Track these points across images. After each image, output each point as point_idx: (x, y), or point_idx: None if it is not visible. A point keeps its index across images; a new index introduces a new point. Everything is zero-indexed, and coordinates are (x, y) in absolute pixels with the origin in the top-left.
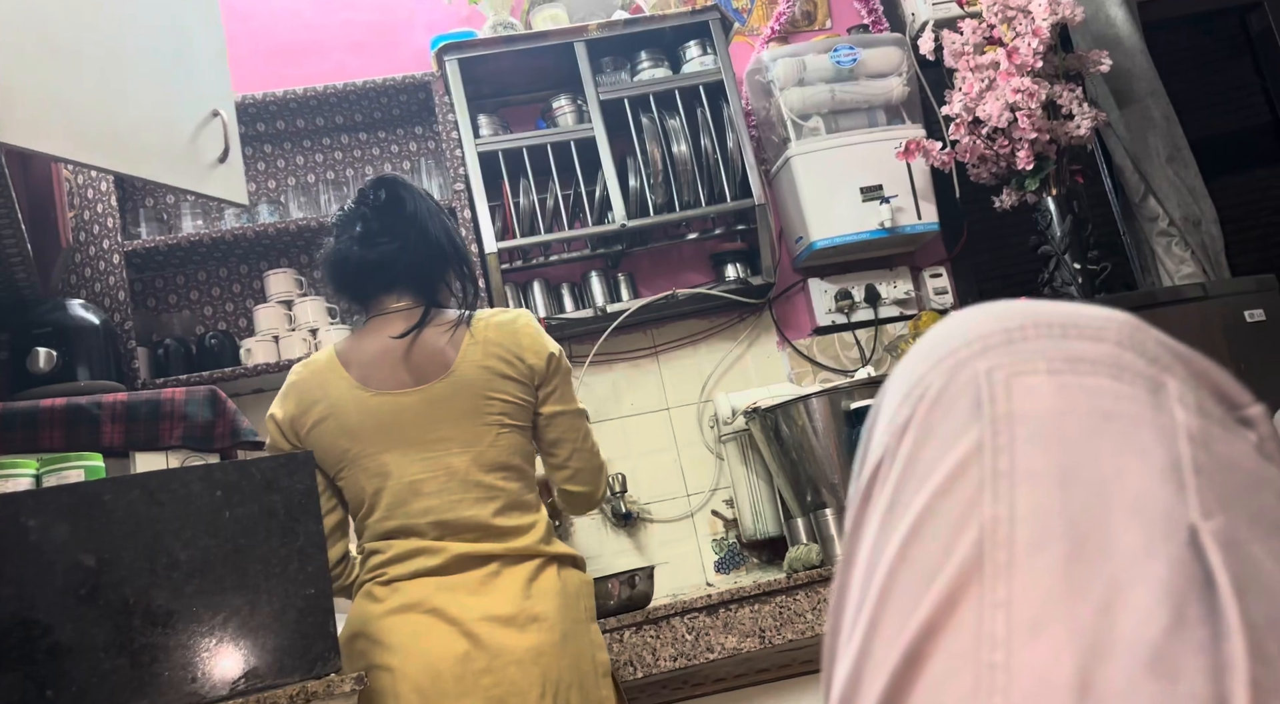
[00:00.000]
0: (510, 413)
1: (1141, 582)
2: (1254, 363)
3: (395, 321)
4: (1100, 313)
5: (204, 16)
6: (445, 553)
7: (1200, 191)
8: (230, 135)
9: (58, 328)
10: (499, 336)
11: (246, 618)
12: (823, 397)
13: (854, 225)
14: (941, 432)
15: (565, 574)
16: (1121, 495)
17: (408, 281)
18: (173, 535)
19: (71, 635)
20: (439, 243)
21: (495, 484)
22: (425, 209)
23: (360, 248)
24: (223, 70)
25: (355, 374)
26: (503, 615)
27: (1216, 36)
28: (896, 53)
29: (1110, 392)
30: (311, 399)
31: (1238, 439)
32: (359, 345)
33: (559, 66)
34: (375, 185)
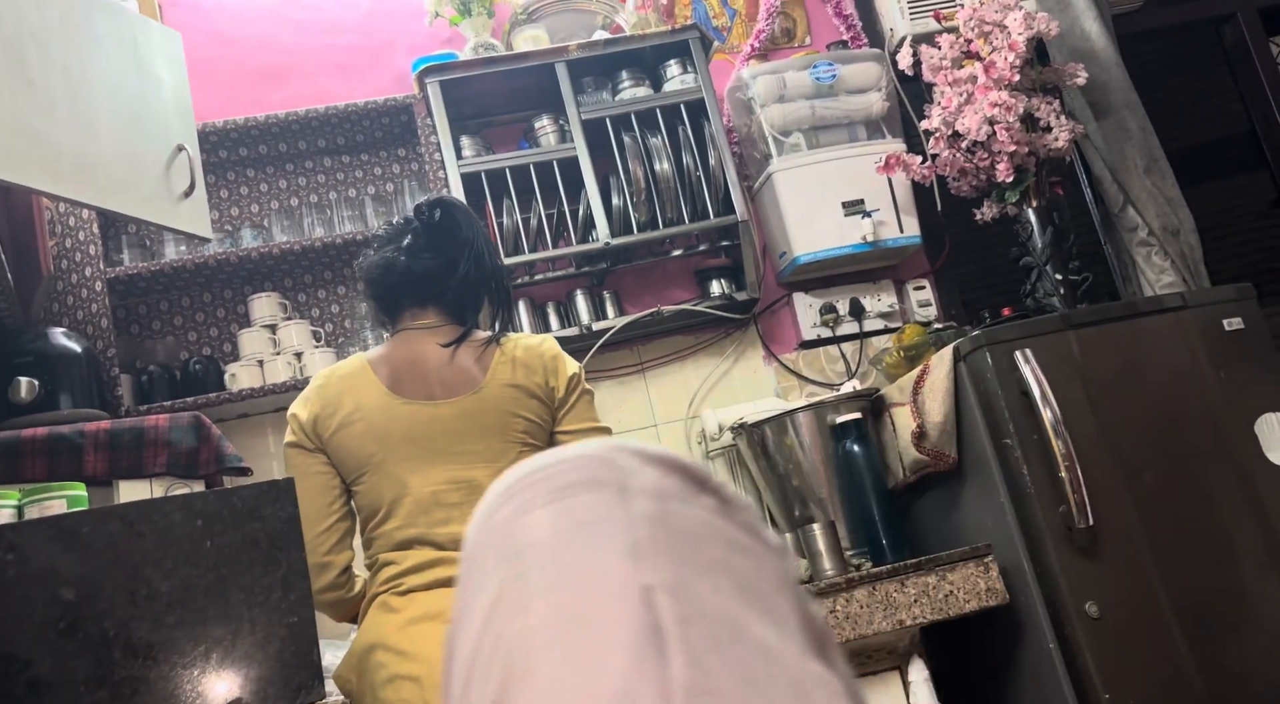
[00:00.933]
0: (532, 432)
1: (613, 642)
2: (1232, 370)
3: (426, 336)
4: (581, 448)
5: (167, 53)
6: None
7: (1178, 201)
8: (195, 170)
9: (39, 357)
10: (526, 357)
11: (229, 648)
12: (809, 411)
13: (837, 240)
14: (477, 581)
15: None
16: (601, 582)
17: (445, 299)
18: (153, 566)
19: (51, 670)
20: (491, 269)
21: None
22: (482, 238)
23: (407, 259)
24: (186, 105)
25: (387, 381)
26: None
27: (1192, 47)
28: (875, 68)
29: (588, 504)
30: (339, 401)
31: (694, 507)
32: (391, 355)
33: (541, 87)
34: (431, 204)
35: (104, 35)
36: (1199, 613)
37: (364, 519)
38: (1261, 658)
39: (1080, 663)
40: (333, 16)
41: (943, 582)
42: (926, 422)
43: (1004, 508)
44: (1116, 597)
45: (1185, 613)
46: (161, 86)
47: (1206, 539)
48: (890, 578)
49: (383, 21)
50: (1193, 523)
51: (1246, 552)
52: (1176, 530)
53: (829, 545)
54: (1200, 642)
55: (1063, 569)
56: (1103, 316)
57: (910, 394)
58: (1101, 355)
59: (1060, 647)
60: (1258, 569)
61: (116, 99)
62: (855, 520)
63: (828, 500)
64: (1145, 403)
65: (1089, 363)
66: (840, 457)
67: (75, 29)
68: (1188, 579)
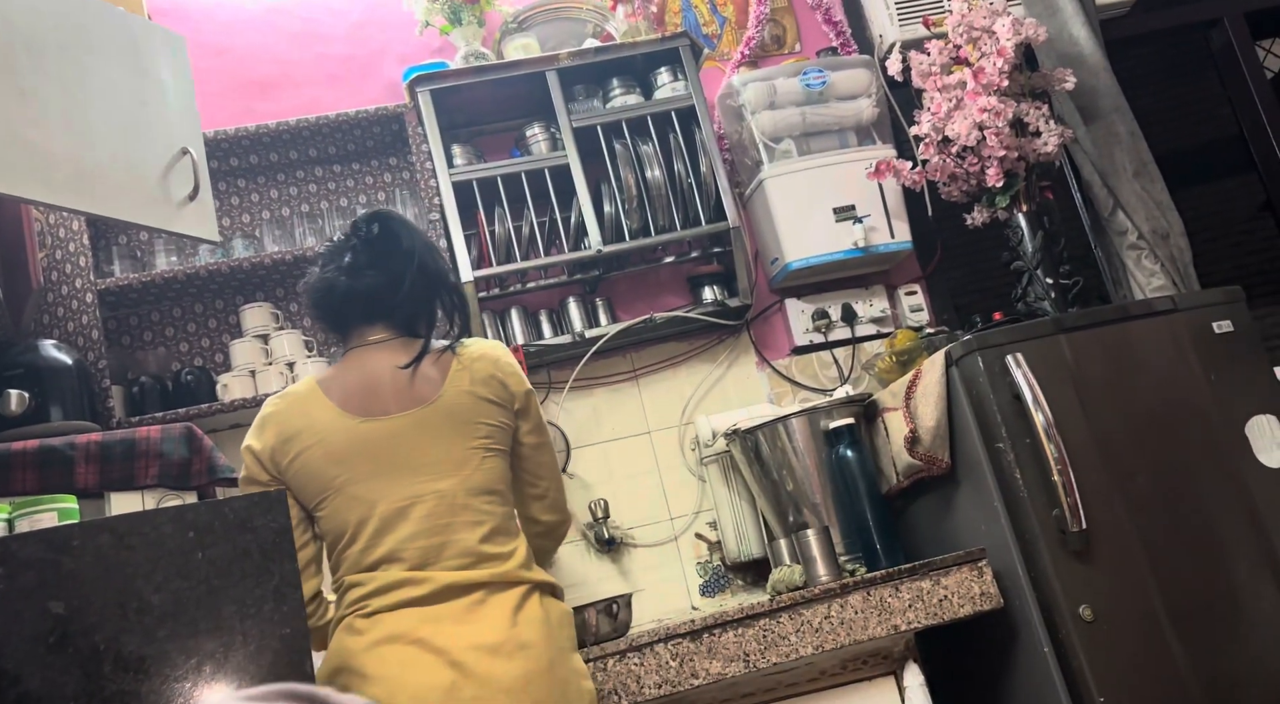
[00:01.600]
0: (495, 437)
1: None
2: (1223, 373)
3: (377, 352)
4: (214, 699)
5: (171, 56)
6: (430, 583)
7: (1167, 204)
8: (200, 173)
9: (30, 369)
10: (483, 363)
11: (221, 661)
12: (802, 416)
13: (828, 245)
14: None
15: (548, 603)
16: None
17: (396, 314)
18: (144, 579)
19: (40, 685)
20: (439, 276)
21: (482, 508)
22: (423, 244)
23: (347, 278)
24: (191, 108)
25: (339, 402)
26: (490, 644)
27: (1180, 52)
28: (865, 74)
29: None
30: (294, 429)
31: None
32: (340, 375)
33: (532, 95)
34: (369, 219)
35: (102, 41)
36: (1192, 615)
37: (330, 543)
38: (1255, 660)
39: (1075, 666)
40: (323, 26)
41: (937, 586)
42: (919, 426)
43: (997, 512)
44: (1110, 600)
45: (1179, 615)
46: (164, 90)
47: (1199, 541)
48: (885, 583)
49: (373, 31)
50: (1185, 525)
51: (1239, 553)
52: (1169, 533)
53: (823, 551)
54: (1194, 644)
55: (1056, 573)
56: (1093, 320)
57: (903, 399)
58: (1093, 359)
59: (1055, 650)
60: (1250, 571)
61: (115, 105)
62: (849, 526)
63: (821, 506)
64: (1137, 406)
65: (1080, 366)
66: (833, 462)
67: (71, 36)
68: (1181, 582)
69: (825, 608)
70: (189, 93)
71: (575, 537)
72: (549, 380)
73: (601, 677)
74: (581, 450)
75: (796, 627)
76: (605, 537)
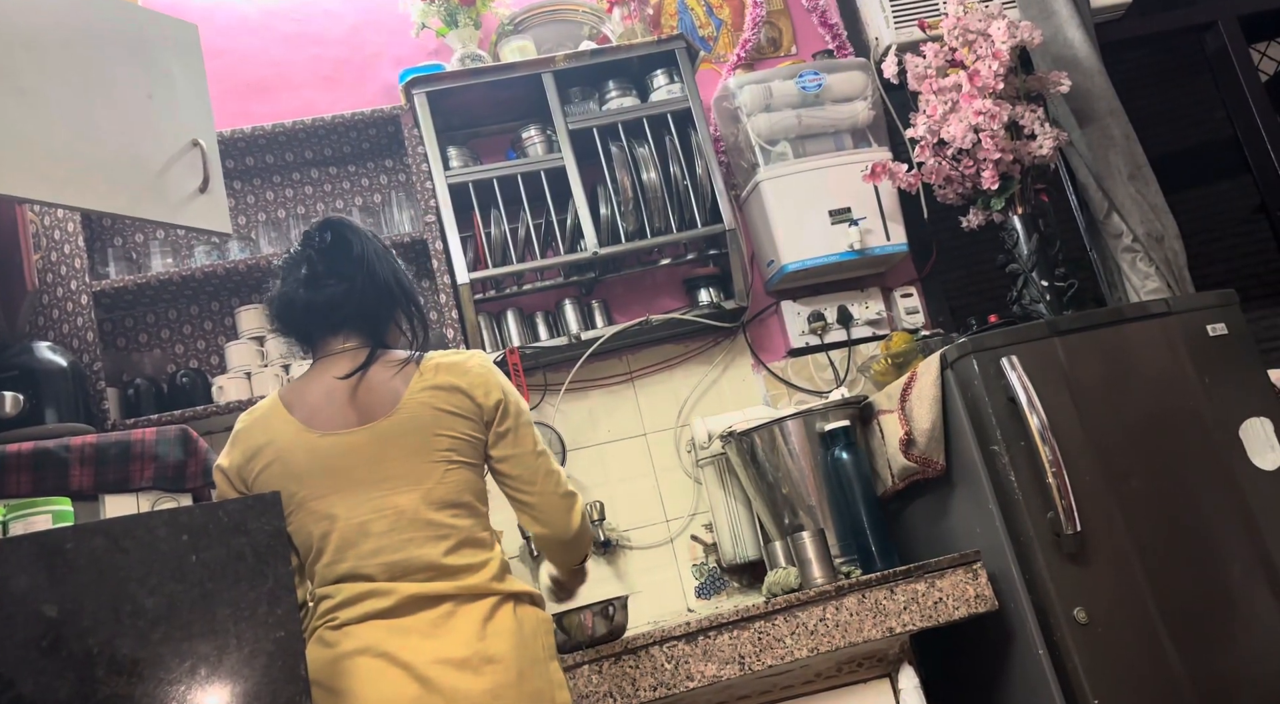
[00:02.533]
0: (459, 449)
1: None
2: (1217, 376)
3: (341, 362)
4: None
5: (183, 49)
6: (395, 595)
7: (1162, 207)
8: (210, 164)
9: (25, 371)
10: (448, 375)
11: (215, 664)
12: (797, 419)
13: (824, 248)
14: None
15: (521, 612)
16: None
17: (355, 323)
18: (138, 582)
19: (33, 689)
20: (387, 284)
21: (445, 522)
22: (372, 250)
23: (306, 291)
24: (203, 99)
25: (300, 416)
26: (456, 658)
27: (1175, 55)
28: (861, 77)
29: None
30: (257, 445)
31: None
32: (304, 388)
33: (528, 97)
34: (321, 227)
35: (105, 35)
36: (1186, 617)
37: (302, 557)
38: (1249, 662)
39: (1069, 668)
40: (319, 29)
41: (932, 589)
42: (914, 429)
43: (992, 514)
44: (1105, 602)
45: (1173, 618)
46: (173, 82)
47: (1193, 544)
48: (880, 585)
49: (369, 33)
50: (1179, 528)
51: (1233, 556)
52: (1163, 535)
53: (818, 553)
54: (1188, 646)
55: (1051, 575)
56: (1088, 323)
57: (898, 401)
58: (1087, 361)
59: (1049, 652)
60: (1244, 573)
61: (119, 98)
62: (844, 528)
63: (817, 508)
64: (1131, 408)
65: (1075, 369)
66: (829, 464)
67: (73, 31)
68: (1175, 584)
69: (820, 610)
70: (200, 83)
71: None
72: (545, 382)
73: (597, 679)
74: (577, 452)
75: (792, 629)
76: (601, 539)
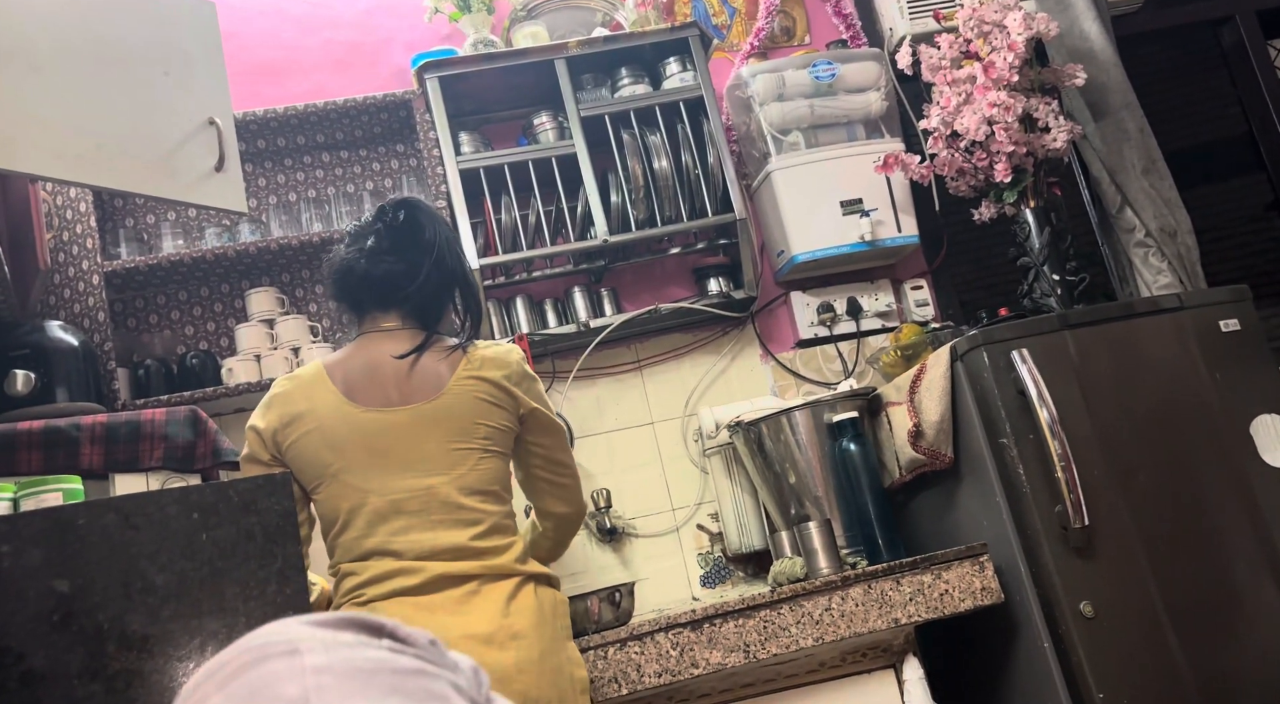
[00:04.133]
0: (494, 438)
1: None
2: (1228, 372)
3: (386, 341)
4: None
5: (200, 27)
6: (423, 573)
7: (1175, 202)
8: (226, 143)
9: (36, 350)
10: (492, 367)
11: (224, 642)
12: (805, 410)
13: (835, 239)
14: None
15: (541, 592)
16: None
17: (409, 304)
18: (148, 559)
19: (44, 662)
20: (454, 272)
21: (475, 507)
22: (443, 237)
23: (367, 262)
24: (220, 77)
25: (343, 388)
26: (482, 634)
27: (1191, 49)
28: (874, 67)
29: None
30: (296, 411)
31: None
32: (348, 360)
33: (540, 84)
34: (396, 205)
35: (121, 11)
36: (1193, 613)
37: (324, 528)
38: (1254, 658)
39: (1074, 662)
40: (332, 12)
41: (938, 580)
42: (923, 421)
43: (1000, 507)
44: (1111, 596)
45: (1179, 613)
46: (191, 60)
47: (1201, 540)
48: (885, 576)
49: (382, 17)
50: (1187, 523)
51: (1241, 552)
52: (1171, 531)
53: (825, 543)
54: (1194, 642)
55: (1058, 569)
56: (1099, 317)
57: (907, 393)
58: (1098, 356)
59: (1054, 646)
60: (1251, 570)
61: (136, 76)
62: (851, 519)
63: (824, 498)
64: (1141, 403)
65: (1085, 363)
66: (836, 455)
67: (89, 8)
68: (1182, 579)
69: (826, 600)
70: (218, 61)
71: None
72: (553, 370)
73: (602, 664)
74: (584, 440)
75: (797, 618)
76: (607, 526)
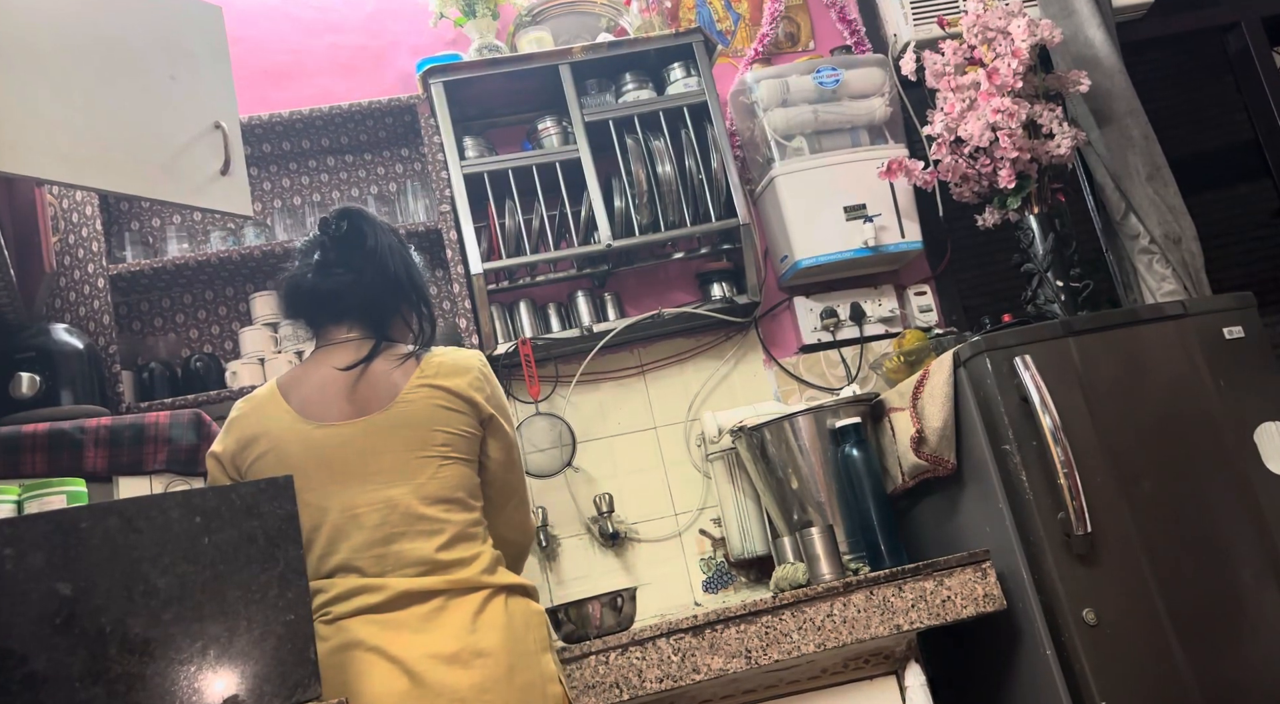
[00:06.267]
0: (454, 445)
1: None
2: (1232, 379)
3: (342, 352)
4: None
5: (206, 31)
6: (387, 590)
7: (1180, 209)
8: (232, 147)
9: (41, 352)
10: (448, 373)
11: (226, 645)
12: (808, 415)
13: (838, 244)
14: None
15: (513, 605)
16: None
17: (359, 314)
18: (150, 562)
19: (46, 665)
20: (396, 278)
21: (438, 517)
22: (386, 244)
23: (315, 276)
24: (226, 81)
25: (296, 406)
26: (446, 653)
27: (1196, 56)
28: (879, 73)
29: None
30: (252, 434)
31: None
32: (302, 377)
33: (544, 88)
34: (338, 216)
35: (128, 15)
36: (1196, 621)
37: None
38: (1258, 666)
39: (1077, 670)
40: (337, 16)
41: (940, 587)
42: (926, 427)
43: (1002, 514)
44: (1114, 604)
45: (1182, 621)
46: (197, 64)
47: (1204, 547)
48: (888, 582)
49: (387, 22)
50: (1191, 531)
51: (1244, 560)
52: (1174, 538)
53: (827, 549)
54: (1197, 650)
55: (1061, 576)
56: (1103, 323)
57: (910, 399)
58: (1101, 362)
59: (1057, 653)
60: (1255, 578)
61: (142, 80)
62: (853, 524)
63: (826, 504)
64: (1145, 410)
65: (1089, 370)
66: (839, 461)
67: (96, 11)
68: (1185, 587)
69: (828, 606)
70: (224, 65)
71: (580, 530)
72: (556, 374)
73: (604, 670)
74: (587, 445)
75: (799, 624)
76: (610, 531)
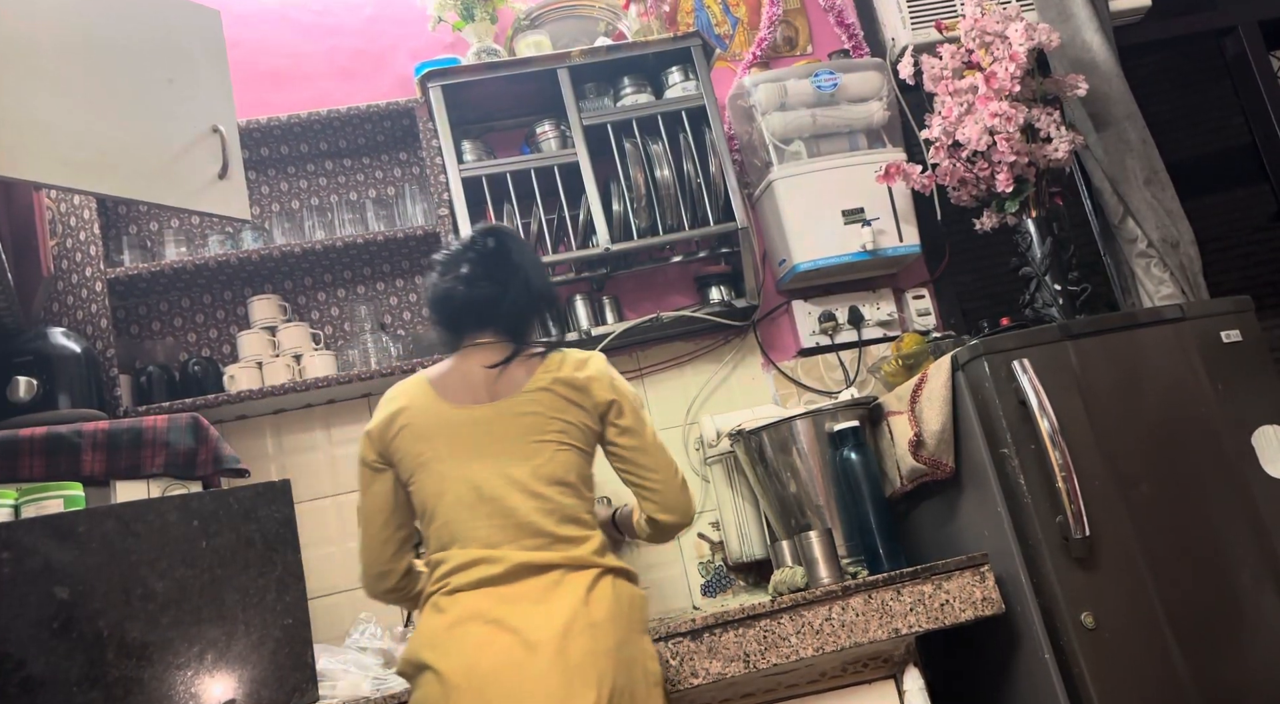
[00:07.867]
0: (570, 433)
1: None
2: (1230, 383)
3: (481, 353)
4: None
5: (204, 35)
6: (505, 562)
7: (1178, 213)
8: (230, 151)
9: (39, 356)
10: (567, 368)
11: (223, 649)
12: (806, 418)
13: (836, 248)
14: None
15: (619, 586)
16: None
17: (502, 322)
18: (148, 566)
19: (44, 669)
20: (540, 292)
21: (552, 496)
22: (529, 260)
23: (466, 288)
24: (224, 84)
25: (438, 390)
26: (562, 623)
27: (1193, 60)
28: (877, 77)
29: None
30: (396, 409)
31: None
32: (446, 370)
33: (543, 92)
34: (485, 233)
35: (126, 19)
36: (1195, 624)
37: (419, 517)
38: (1257, 670)
39: (1075, 673)
40: (335, 20)
41: (939, 590)
42: (924, 430)
43: (1001, 517)
44: (1112, 607)
45: (1181, 624)
46: (195, 67)
47: (1203, 551)
48: (886, 586)
49: (385, 26)
50: (1189, 534)
51: (1243, 563)
52: (1173, 542)
53: (825, 553)
54: (1196, 653)
55: (1059, 579)
56: (1101, 327)
57: (908, 402)
58: (1099, 366)
59: (1056, 657)
60: (1254, 581)
61: (140, 84)
62: (852, 528)
63: (825, 508)
64: (1143, 414)
65: (1087, 373)
66: (837, 464)
67: (94, 15)
68: (1184, 591)
69: (826, 610)
70: (222, 68)
71: None
72: None
73: None
74: None
75: (797, 628)
76: None
